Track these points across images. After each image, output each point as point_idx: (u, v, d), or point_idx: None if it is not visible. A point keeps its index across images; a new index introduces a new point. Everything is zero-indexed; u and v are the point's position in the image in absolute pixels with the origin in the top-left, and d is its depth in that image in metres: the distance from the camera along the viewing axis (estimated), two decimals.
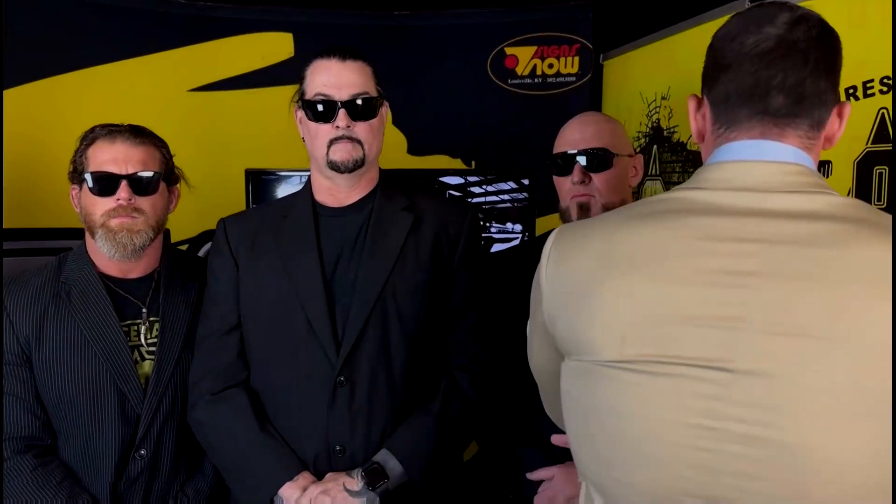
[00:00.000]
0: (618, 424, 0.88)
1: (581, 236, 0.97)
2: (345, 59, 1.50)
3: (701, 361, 0.82)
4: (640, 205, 0.97)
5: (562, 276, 0.96)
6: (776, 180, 0.89)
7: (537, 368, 1.14)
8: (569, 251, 0.96)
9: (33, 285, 1.59)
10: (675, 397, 0.83)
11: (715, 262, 0.84)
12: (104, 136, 1.59)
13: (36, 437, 1.54)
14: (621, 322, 0.87)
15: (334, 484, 1.42)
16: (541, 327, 1.03)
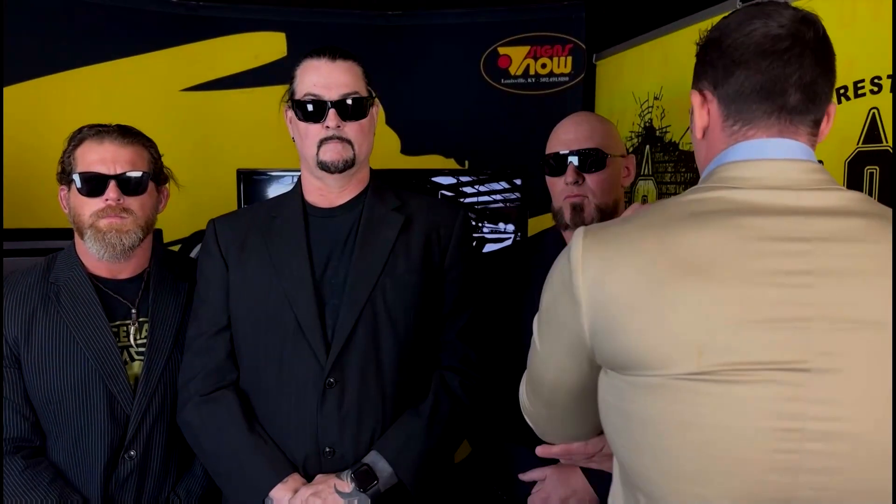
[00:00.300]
0: (696, 437, 0.85)
1: (625, 241, 0.91)
2: (335, 58, 1.49)
3: (777, 364, 0.82)
4: (675, 206, 0.93)
5: (610, 286, 0.89)
6: (802, 178, 0.91)
7: (552, 385, 1.06)
8: (613, 258, 0.90)
9: (22, 286, 1.58)
10: (755, 403, 0.83)
11: (773, 262, 0.84)
12: (92, 136, 1.58)
13: (25, 438, 1.53)
14: (695, 333, 0.84)
15: (325, 486, 1.42)
16: (572, 341, 0.96)
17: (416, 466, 1.47)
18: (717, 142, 0.98)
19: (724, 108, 0.97)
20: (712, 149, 0.99)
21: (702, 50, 1.01)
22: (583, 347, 0.95)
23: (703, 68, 1.00)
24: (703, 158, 1.02)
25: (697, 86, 1.01)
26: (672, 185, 2.27)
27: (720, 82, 0.96)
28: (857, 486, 0.82)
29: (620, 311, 0.88)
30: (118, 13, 2.62)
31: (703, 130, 1.00)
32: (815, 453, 0.82)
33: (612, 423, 0.95)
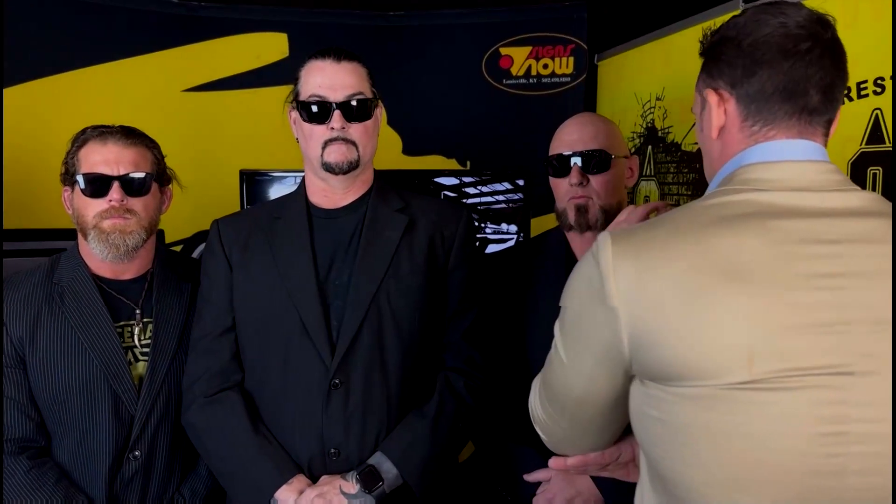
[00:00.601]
0: (745, 446, 0.84)
1: (658, 247, 0.88)
2: (339, 59, 1.49)
3: (823, 369, 0.82)
4: (703, 210, 0.91)
5: (649, 294, 0.86)
6: (822, 179, 0.92)
7: (580, 399, 1.00)
8: (649, 264, 0.87)
9: (26, 287, 1.58)
10: (804, 409, 0.82)
11: (808, 266, 0.84)
12: (95, 137, 1.58)
13: (30, 438, 1.54)
14: (746, 341, 0.82)
15: (330, 487, 1.42)
16: (607, 352, 0.92)
17: (422, 467, 1.47)
18: (734, 142, 0.97)
19: (743, 108, 0.96)
20: (728, 149, 0.98)
21: (714, 48, 0.99)
22: (619, 359, 0.91)
23: (718, 67, 0.98)
24: (716, 158, 1.01)
25: (712, 84, 0.99)
26: (674, 185, 2.27)
27: (740, 82, 0.95)
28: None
29: (664, 320, 0.85)
30: (120, 14, 2.62)
31: (719, 130, 0.99)
32: (860, 455, 0.83)
33: (652, 434, 0.92)
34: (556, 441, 1.12)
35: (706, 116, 1.01)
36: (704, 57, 1.03)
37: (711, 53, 1.00)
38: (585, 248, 1.68)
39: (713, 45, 1.00)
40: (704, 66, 1.02)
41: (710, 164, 1.04)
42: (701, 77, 1.03)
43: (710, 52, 1.00)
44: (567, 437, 1.10)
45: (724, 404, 0.83)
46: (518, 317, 1.68)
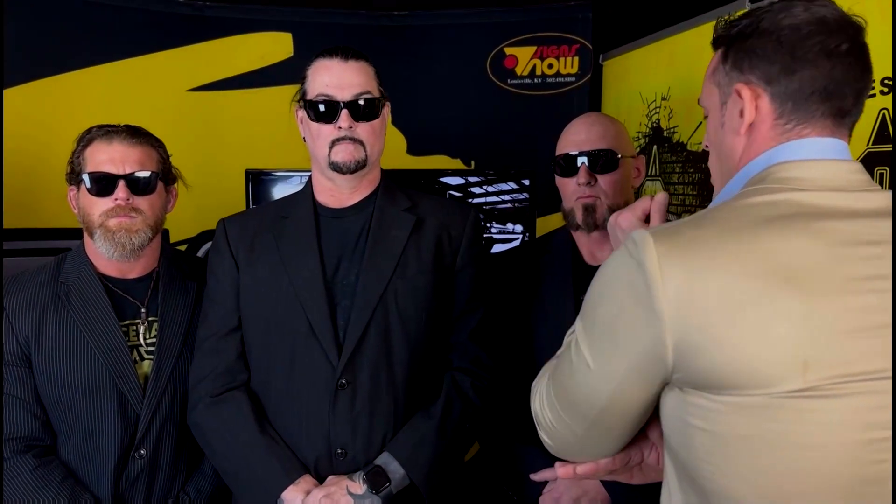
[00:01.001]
0: (796, 456, 0.81)
1: (707, 248, 0.84)
2: (347, 59, 1.49)
3: (869, 374, 0.81)
4: (745, 209, 0.88)
5: (700, 298, 0.82)
6: (854, 179, 0.91)
7: (605, 407, 0.94)
8: (700, 266, 0.82)
9: (32, 286, 1.58)
10: (855, 416, 0.81)
11: (855, 268, 0.82)
12: (101, 136, 1.58)
13: (36, 437, 1.54)
14: (801, 347, 0.79)
15: (337, 487, 1.42)
16: (646, 359, 0.87)
17: (428, 468, 1.47)
18: (764, 139, 0.95)
19: (777, 106, 0.93)
20: (756, 145, 0.95)
21: (745, 39, 0.95)
22: (660, 366, 0.86)
23: (751, 60, 0.94)
24: (740, 154, 0.97)
25: (742, 78, 0.95)
26: (680, 185, 2.27)
27: (777, 79, 0.92)
28: None
29: (715, 325, 0.81)
30: (125, 13, 2.62)
31: (749, 125, 0.96)
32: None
33: (693, 444, 0.87)
34: (564, 447, 1.06)
35: (731, 111, 0.97)
36: (727, 46, 0.98)
37: (741, 45, 0.96)
38: (593, 247, 1.69)
39: (742, 35, 0.96)
40: (732, 58, 0.97)
41: (729, 160, 1.00)
42: (724, 69, 0.98)
43: (739, 42, 0.96)
44: (578, 444, 1.03)
45: (775, 413, 0.81)
46: (525, 316, 1.67)
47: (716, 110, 1.01)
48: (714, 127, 1.02)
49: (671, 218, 2.43)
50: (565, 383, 0.99)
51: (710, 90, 1.02)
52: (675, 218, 2.53)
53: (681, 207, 2.26)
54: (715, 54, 1.02)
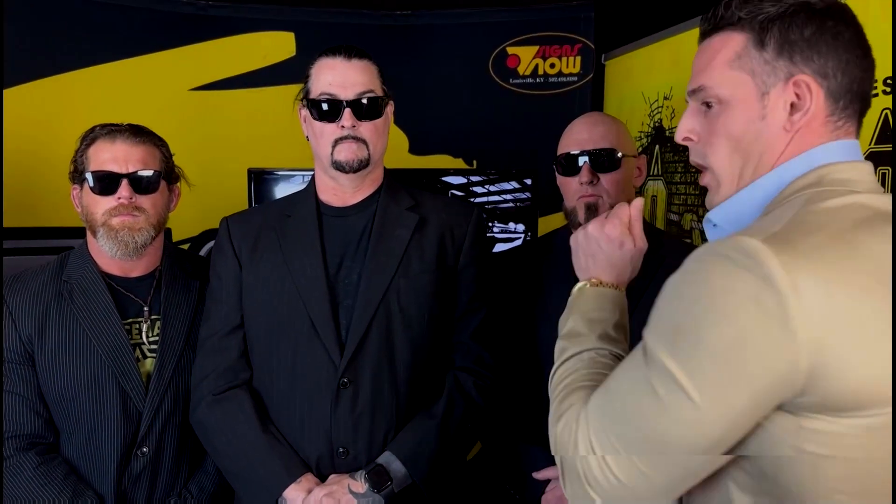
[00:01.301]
0: None
1: (832, 256, 0.77)
2: (350, 57, 1.49)
3: None
4: (831, 213, 0.83)
5: (838, 312, 0.75)
6: (875, 180, 0.91)
7: (708, 446, 0.80)
8: (833, 277, 0.76)
9: (35, 284, 1.58)
10: None
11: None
12: (104, 135, 1.59)
13: (39, 434, 1.54)
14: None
15: (339, 486, 1.42)
16: (773, 384, 0.76)
17: (430, 467, 1.47)
18: (812, 136, 0.91)
19: (830, 103, 0.90)
20: (803, 142, 0.91)
21: (788, 27, 0.89)
22: (787, 391, 0.77)
23: (804, 52, 0.89)
24: (780, 151, 0.91)
25: (795, 69, 0.89)
26: (682, 185, 2.27)
27: (833, 74, 0.89)
28: None
29: (852, 341, 0.75)
30: (127, 13, 2.62)
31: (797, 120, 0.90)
32: None
33: (818, 475, 0.79)
34: (626, 500, 0.85)
35: (774, 103, 0.90)
36: (762, 31, 0.91)
37: (784, 32, 0.89)
38: None
39: (782, 20, 0.90)
40: (775, 45, 0.90)
41: (760, 156, 0.92)
42: (760, 56, 0.91)
43: (781, 28, 0.90)
44: (649, 495, 0.84)
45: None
46: (527, 316, 1.67)
47: (749, 101, 0.92)
48: (743, 119, 0.92)
49: (671, 217, 2.42)
50: (649, 425, 0.81)
51: (737, 78, 0.92)
52: (676, 218, 2.51)
53: (682, 207, 2.26)
54: (732, 34, 0.93)
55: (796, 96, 0.90)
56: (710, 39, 0.96)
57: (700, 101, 0.97)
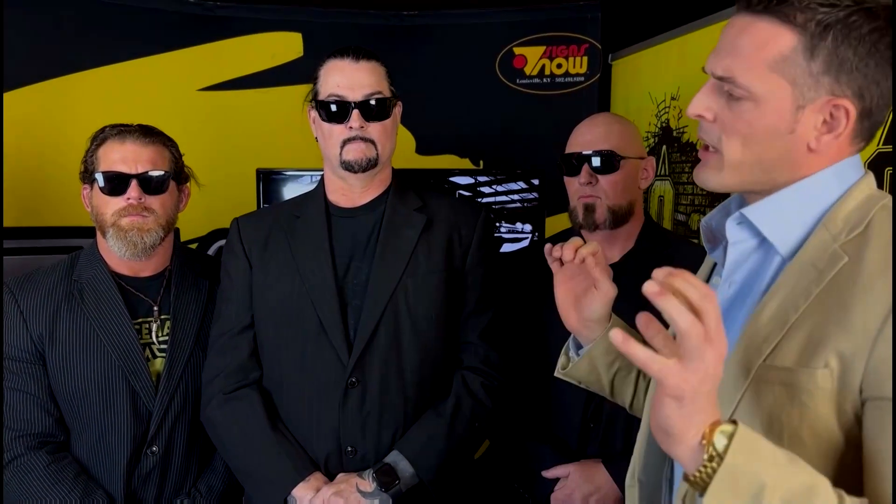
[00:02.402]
0: None
1: None
2: (358, 59, 1.50)
3: None
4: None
5: None
6: None
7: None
8: None
9: (46, 284, 1.60)
10: None
11: None
12: (114, 136, 1.60)
13: (49, 433, 1.55)
14: None
15: (347, 485, 1.43)
16: None
17: (437, 467, 1.48)
18: (834, 153, 0.90)
19: (859, 123, 0.87)
20: (824, 158, 0.89)
21: (839, 42, 0.83)
22: None
23: (850, 73, 0.84)
24: (803, 164, 0.90)
25: (839, 90, 0.85)
26: (689, 185, 2.27)
27: (868, 96, 0.85)
28: None
29: None
30: (136, 13, 2.63)
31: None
32: None
33: None
34: None
35: (808, 119, 0.86)
36: (816, 40, 0.83)
37: (835, 48, 0.83)
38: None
39: (850, 35, 0.83)
40: (824, 61, 0.84)
41: (778, 163, 0.90)
42: (808, 67, 0.84)
43: (832, 42, 0.83)
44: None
45: None
46: (536, 316, 1.68)
47: (782, 110, 0.86)
48: (772, 125, 0.87)
49: (678, 218, 2.41)
50: None
51: (776, 83, 0.86)
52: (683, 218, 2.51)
53: (690, 207, 2.26)
54: (784, 29, 0.84)
55: (831, 116, 0.86)
56: (755, 21, 0.86)
57: (726, 88, 0.90)
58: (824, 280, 0.84)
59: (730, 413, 0.87)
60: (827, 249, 0.86)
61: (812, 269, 0.86)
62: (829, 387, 0.81)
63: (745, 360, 0.88)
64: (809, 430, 0.82)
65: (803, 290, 0.85)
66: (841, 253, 0.85)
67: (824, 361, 0.81)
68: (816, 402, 0.81)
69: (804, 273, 0.86)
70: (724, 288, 0.96)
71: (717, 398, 0.77)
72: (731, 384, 0.88)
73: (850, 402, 0.80)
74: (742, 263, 0.95)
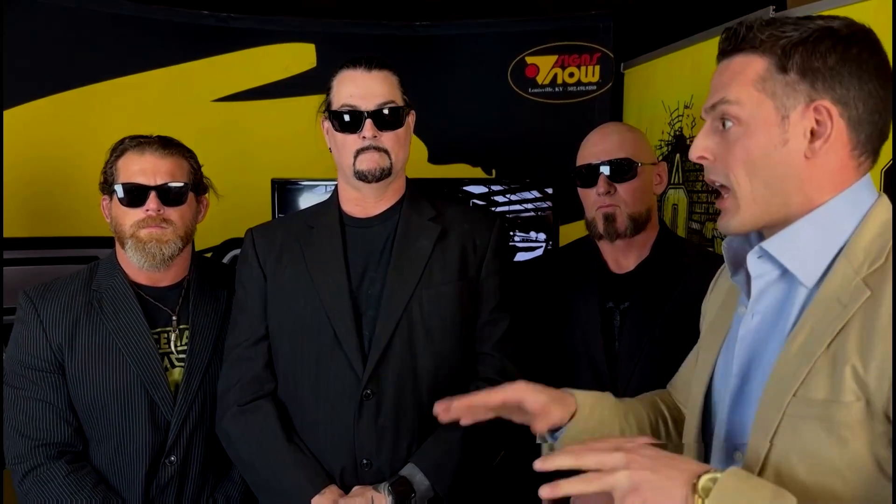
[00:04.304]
0: None
1: None
2: (371, 68, 1.50)
3: None
4: None
5: None
6: None
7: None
8: None
9: (66, 293, 1.61)
10: None
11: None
12: (133, 147, 1.61)
13: (68, 443, 1.56)
14: None
15: (362, 498, 1.42)
16: None
17: (453, 479, 1.47)
18: (841, 170, 0.90)
19: (853, 135, 0.89)
20: (834, 177, 0.90)
21: (811, 52, 0.87)
22: None
23: (825, 79, 0.87)
24: (809, 182, 0.90)
25: (816, 95, 0.88)
26: (703, 193, 2.26)
27: (854, 104, 0.88)
28: None
29: None
30: (152, 25, 2.66)
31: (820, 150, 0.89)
32: None
33: None
34: None
35: (794, 129, 0.89)
36: (785, 54, 0.89)
37: (807, 58, 0.88)
38: (617, 256, 1.69)
39: (805, 44, 0.88)
40: (798, 69, 0.88)
41: (784, 183, 0.91)
42: (782, 78, 0.89)
43: (803, 53, 0.88)
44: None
45: None
46: (551, 325, 1.68)
47: (769, 124, 0.90)
48: (764, 142, 0.91)
49: (692, 226, 2.40)
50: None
51: (758, 99, 0.91)
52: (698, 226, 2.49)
53: (704, 216, 2.25)
54: (753, 57, 0.91)
55: (816, 122, 0.89)
56: (730, 60, 0.94)
57: (719, 116, 0.94)
58: (848, 314, 0.85)
59: (766, 449, 0.89)
60: (850, 283, 0.87)
61: (837, 303, 0.87)
62: (862, 419, 0.82)
63: (776, 395, 0.89)
64: (850, 464, 0.83)
65: (829, 325, 0.87)
66: (864, 286, 0.86)
67: (855, 395, 0.82)
68: (854, 434, 0.83)
69: (829, 308, 0.87)
70: (748, 318, 0.97)
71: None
72: (765, 419, 0.90)
73: (884, 431, 0.82)
74: (765, 293, 0.96)
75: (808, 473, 0.85)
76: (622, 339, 1.63)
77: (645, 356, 1.59)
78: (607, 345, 1.64)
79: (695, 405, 1.06)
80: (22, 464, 1.53)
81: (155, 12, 2.67)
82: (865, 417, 0.82)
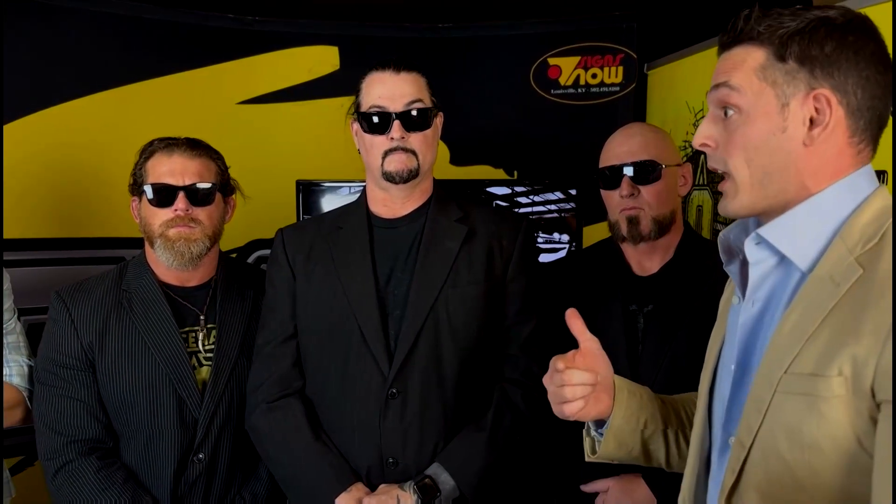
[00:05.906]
0: None
1: None
2: (399, 70, 1.51)
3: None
4: None
5: None
6: None
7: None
8: None
9: (96, 293, 1.64)
10: None
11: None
12: (162, 149, 1.64)
13: (99, 439, 1.59)
14: None
15: (388, 496, 1.43)
16: None
17: (479, 480, 1.47)
18: (840, 158, 0.91)
19: (851, 122, 0.90)
20: (833, 165, 0.91)
21: (810, 41, 0.89)
22: None
23: (823, 67, 0.89)
24: (809, 170, 0.91)
25: (815, 83, 0.89)
26: None
27: (853, 91, 0.89)
28: None
29: None
30: (177, 29, 2.70)
31: (820, 137, 0.90)
32: None
33: None
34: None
35: (794, 116, 0.90)
36: (783, 44, 0.90)
37: (805, 46, 0.89)
38: (641, 258, 1.68)
39: (803, 34, 0.89)
40: (796, 57, 0.90)
41: (784, 171, 0.93)
42: (782, 67, 0.90)
43: (801, 42, 0.89)
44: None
45: None
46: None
47: (769, 112, 0.91)
48: (764, 129, 0.92)
49: (717, 228, 2.39)
50: None
51: (759, 87, 0.92)
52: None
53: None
54: (753, 48, 0.92)
55: (815, 111, 0.90)
56: (729, 52, 0.95)
57: (720, 102, 0.96)
58: (841, 293, 0.86)
59: (757, 426, 0.90)
60: (843, 262, 0.88)
61: (829, 282, 0.88)
62: (843, 393, 0.83)
63: (768, 373, 0.90)
64: (828, 439, 0.84)
65: (821, 303, 0.87)
66: (856, 265, 0.86)
67: (838, 369, 0.83)
68: (833, 409, 0.83)
69: (822, 286, 0.88)
70: (748, 307, 0.98)
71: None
72: (758, 398, 0.91)
73: (867, 407, 0.82)
74: (764, 281, 0.97)
75: (788, 449, 0.87)
76: (646, 342, 1.62)
77: (668, 359, 1.57)
78: (630, 348, 1.62)
79: (701, 397, 1.08)
80: (54, 459, 1.56)
81: (180, 16, 2.70)
82: (847, 392, 0.82)
